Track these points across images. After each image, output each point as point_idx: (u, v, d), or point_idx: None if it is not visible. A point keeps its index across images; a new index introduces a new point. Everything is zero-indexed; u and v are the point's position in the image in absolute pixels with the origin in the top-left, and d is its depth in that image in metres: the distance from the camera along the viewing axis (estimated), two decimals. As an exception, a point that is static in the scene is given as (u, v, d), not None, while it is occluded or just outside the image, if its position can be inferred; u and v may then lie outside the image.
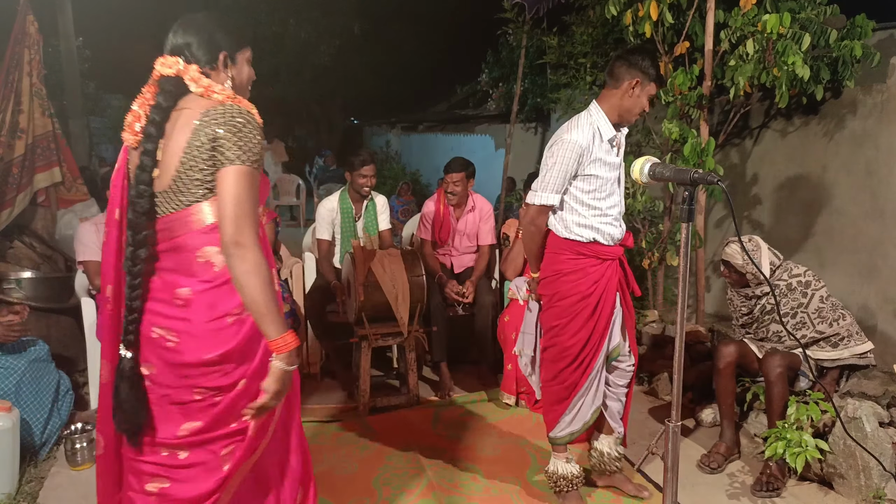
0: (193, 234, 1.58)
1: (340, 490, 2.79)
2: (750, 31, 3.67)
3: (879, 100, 3.74)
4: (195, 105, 1.57)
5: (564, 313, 2.55)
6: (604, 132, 2.47)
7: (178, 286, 1.59)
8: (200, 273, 1.58)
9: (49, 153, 4.95)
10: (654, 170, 1.72)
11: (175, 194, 1.57)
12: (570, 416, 2.62)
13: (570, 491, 2.66)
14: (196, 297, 1.59)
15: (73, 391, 3.32)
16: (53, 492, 2.81)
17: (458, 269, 4.29)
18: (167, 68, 1.60)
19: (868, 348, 3.08)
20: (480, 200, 4.28)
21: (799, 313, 3.06)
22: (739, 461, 3.07)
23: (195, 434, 1.62)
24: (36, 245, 4.62)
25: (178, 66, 1.60)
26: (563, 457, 2.68)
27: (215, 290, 1.59)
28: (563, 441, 2.65)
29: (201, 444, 1.63)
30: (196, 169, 1.55)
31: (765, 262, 3.09)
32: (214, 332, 1.58)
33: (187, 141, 1.53)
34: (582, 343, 2.54)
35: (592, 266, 2.53)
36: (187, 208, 1.57)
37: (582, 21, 5.46)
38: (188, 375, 1.60)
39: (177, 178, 1.56)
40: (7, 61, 4.69)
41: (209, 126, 1.53)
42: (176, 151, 1.55)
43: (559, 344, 2.57)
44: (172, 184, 1.57)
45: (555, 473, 2.67)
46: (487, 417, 3.57)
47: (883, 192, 3.74)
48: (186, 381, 1.60)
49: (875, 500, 2.63)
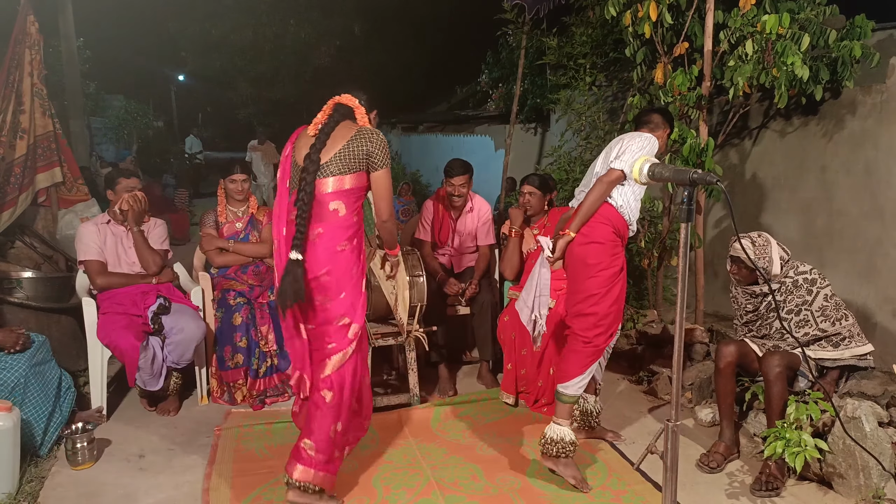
0: (326, 195, 2.47)
1: (340, 489, 2.79)
2: (749, 31, 3.67)
3: (879, 100, 3.75)
4: (352, 125, 2.54)
5: (606, 283, 2.77)
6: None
7: (315, 228, 2.47)
8: (328, 218, 2.47)
9: (50, 153, 4.96)
10: (654, 170, 1.73)
11: (321, 170, 2.46)
12: (586, 377, 2.84)
13: (571, 457, 2.81)
14: (323, 233, 2.47)
15: (74, 388, 3.33)
16: (54, 491, 2.82)
17: (458, 270, 4.29)
18: (345, 101, 2.58)
19: (868, 350, 3.08)
20: (479, 201, 4.28)
21: (803, 310, 3.07)
22: (739, 461, 3.08)
23: (317, 326, 2.54)
24: (37, 245, 4.62)
25: (354, 103, 2.58)
26: (569, 422, 2.85)
27: (335, 229, 2.47)
28: (573, 399, 2.84)
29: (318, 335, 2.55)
30: (342, 160, 2.47)
31: (775, 258, 3.09)
32: (330, 256, 2.47)
33: (345, 143, 2.47)
34: (617, 313, 2.82)
35: (622, 246, 2.87)
36: (324, 178, 2.46)
37: (581, 22, 5.46)
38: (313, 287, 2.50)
39: (329, 162, 2.47)
40: (8, 62, 4.70)
41: (363, 139, 2.48)
42: (335, 146, 2.47)
43: (599, 312, 2.77)
44: (324, 164, 2.47)
45: (562, 440, 2.79)
46: (487, 417, 3.57)
47: (883, 192, 3.74)
48: (313, 288, 2.50)
49: (874, 499, 2.63)
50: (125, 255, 3.64)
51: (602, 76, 5.47)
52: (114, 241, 3.63)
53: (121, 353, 3.30)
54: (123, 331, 3.31)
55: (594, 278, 2.77)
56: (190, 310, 3.60)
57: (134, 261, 3.64)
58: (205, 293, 3.78)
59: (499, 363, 3.88)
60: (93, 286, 3.59)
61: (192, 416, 3.58)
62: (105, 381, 3.52)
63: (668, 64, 4.20)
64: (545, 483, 2.88)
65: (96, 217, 3.88)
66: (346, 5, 14.25)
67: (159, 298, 3.54)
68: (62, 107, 8.78)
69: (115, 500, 2.77)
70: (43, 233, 4.93)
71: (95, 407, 3.46)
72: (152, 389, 3.46)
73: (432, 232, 4.23)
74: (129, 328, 3.33)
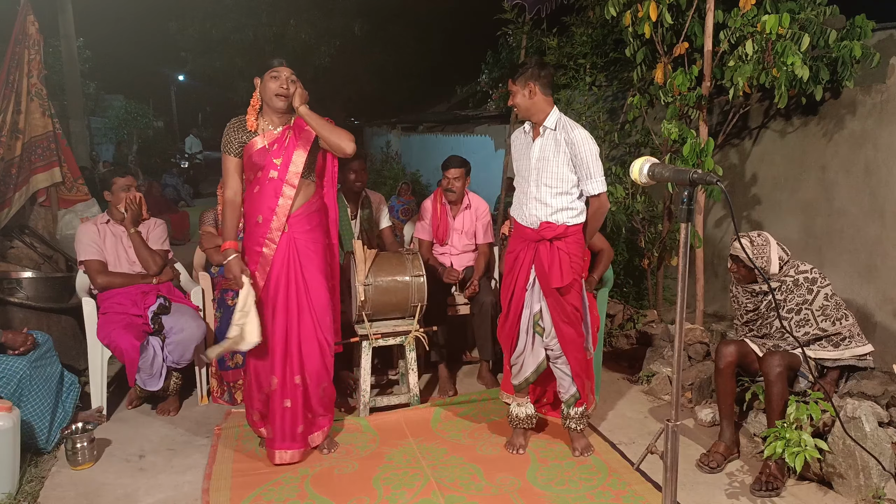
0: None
1: (340, 489, 2.79)
2: (749, 31, 3.67)
3: (879, 100, 3.75)
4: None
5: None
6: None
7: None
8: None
9: (49, 153, 4.97)
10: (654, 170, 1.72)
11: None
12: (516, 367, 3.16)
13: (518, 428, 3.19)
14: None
15: (78, 385, 3.34)
16: (54, 491, 2.82)
17: (458, 268, 4.29)
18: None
19: (868, 350, 3.08)
20: (476, 199, 4.29)
21: (803, 309, 3.07)
22: (739, 461, 3.08)
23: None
24: (37, 245, 4.63)
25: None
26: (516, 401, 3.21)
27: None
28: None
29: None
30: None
31: (774, 258, 3.09)
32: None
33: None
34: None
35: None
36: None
37: (581, 22, 5.46)
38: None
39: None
40: (7, 62, 4.71)
41: None
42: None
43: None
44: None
45: (510, 413, 3.22)
46: (487, 417, 3.57)
47: (883, 192, 3.74)
48: None
49: (874, 499, 2.63)
50: (125, 255, 3.64)
51: (602, 76, 5.46)
52: (114, 241, 3.63)
53: (120, 353, 3.31)
54: (123, 331, 3.31)
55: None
56: (190, 310, 3.60)
57: (134, 260, 3.64)
58: (205, 293, 3.78)
59: (499, 363, 3.88)
60: (93, 286, 3.59)
61: (192, 416, 3.58)
62: (105, 381, 3.52)
63: (668, 64, 4.20)
64: (545, 483, 2.88)
65: (96, 217, 3.88)
66: (346, 5, 14.23)
67: (159, 298, 3.54)
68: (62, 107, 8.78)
69: (115, 500, 2.77)
70: (43, 233, 4.93)
71: (95, 407, 3.46)
72: (152, 389, 3.46)
73: (431, 230, 4.24)
74: (129, 328, 3.33)
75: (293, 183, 2.89)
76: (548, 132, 2.95)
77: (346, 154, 2.93)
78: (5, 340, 3.02)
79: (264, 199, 2.89)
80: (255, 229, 2.92)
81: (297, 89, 2.88)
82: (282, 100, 2.85)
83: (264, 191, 2.89)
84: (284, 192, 2.88)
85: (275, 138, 2.91)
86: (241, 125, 2.92)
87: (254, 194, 2.92)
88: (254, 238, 2.93)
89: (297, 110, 2.88)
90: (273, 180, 2.88)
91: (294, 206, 2.92)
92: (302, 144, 2.92)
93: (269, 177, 2.88)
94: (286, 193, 2.88)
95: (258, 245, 2.91)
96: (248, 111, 2.94)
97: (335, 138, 2.88)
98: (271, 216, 2.88)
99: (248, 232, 2.98)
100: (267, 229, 2.89)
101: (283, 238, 2.91)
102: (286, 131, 2.94)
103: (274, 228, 2.89)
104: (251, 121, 2.92)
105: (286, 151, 2.90)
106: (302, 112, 2.86)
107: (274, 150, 2.89)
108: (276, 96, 2.85)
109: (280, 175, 2.88)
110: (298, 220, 2.94)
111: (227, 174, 2.96)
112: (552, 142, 2.93)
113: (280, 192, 2.88)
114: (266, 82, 2.88)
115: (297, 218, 2.93)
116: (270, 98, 2.86)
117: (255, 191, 2.91)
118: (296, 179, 2.89)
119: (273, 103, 2.87)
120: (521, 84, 2.92)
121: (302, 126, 2.94)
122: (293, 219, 2.92)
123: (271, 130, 2.92)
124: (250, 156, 2.89)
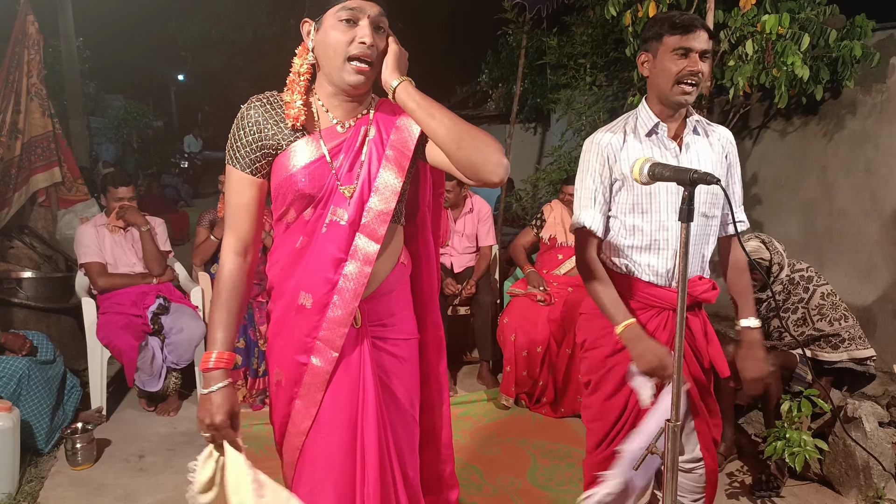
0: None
1: (340, 490, 2.79)
2: (749, 31, 3.67)
3: (879, 100, 3.75)
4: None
5: (596, 367, 2.02)
6: (640, 124, 2.02)
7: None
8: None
9: (49, 153, 4.96)
10: (654, 169, 1.71)
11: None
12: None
13: None
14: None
15: (80, 388, 3.34)
16: (54, 491, 2.82)
17: (458, 269, 4.29)
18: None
19: (869, 355, 3.03)
20: (479, 202, 4.28)
21: (800, 308, 3.06)
22: (738, 461, 3.08)
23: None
24: (36, 245, 4.62)
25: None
26: None
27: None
28: None
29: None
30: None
31: (773, 258, 3.09)
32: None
33: None
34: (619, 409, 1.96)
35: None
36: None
37: (582, 21, 5.46)
38: None
39: None
40: (7, 61, 4.71)
41: None
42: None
43: (593, 405, 2.03)
44: None
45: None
46: (487, 417, 3.57)
47: (883, 192, 3.74)
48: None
49: (875, 500, 2.63)
50: (124, 256, 3.64)
51: (602, 76, 5.46)
52: (112, 243, 3.63)
53: (119, 353, 3.31)
54: (122, 331, 3.31)
55: (584, 360, 2.16)
56: (189, 310, 3.60)
57: (133, 261, 3.64)
58: (204, 293, 3.78)
59: (499, 363, 3.88)
60: (94, 288, 3.59)
61: (192, 416, 3.58)
62: (105, 381, 3.52)
63: (668, 64, 4.19)
64: (545, 483, 2.88)
65: (94, 218, 3.89)
66: (346, 5, 14.26)
67: (159, 298, 3.54)
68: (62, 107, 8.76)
69: (114, 500, 2.77)
70: (43, 233, 4.92)
71: (95, 407, 3.46)
72: (151, 390, 3.46)
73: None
74: (128, 328, 3.33)
75: (377, 233, 1.49)
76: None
77: (490, 183, 1.43)
78: (4, 342, 3.02)
79: (317, 263, 1.50)
80: (295, 319, 1.55)
81: (392, 47, 1.48)
82: (363, 69, 1.43)
83: (317, 247, 1.50)
84: (359, 249, 1.49)
85: (340, 142, 1.51)
86: (270, 112, 1.50)
87: (294, 251, 1.53)
88: (292, 335, 1.56)
89: (393, 90, 1.46)
90: (337, 226, 1.49)
91: (377, 278, 1.55)
92: (396, 157, 1.51)
93: (330, 220, 1.49)
94: (362, 252, 1.49)
95: (300, 350, 1.55)
96: (289, 85, 1.51)
97: (474, 149, 1.40)
98: (330, 297, 1.50)
99: (278, 322, 1.60)
100: (320, 321, 1.52)
101: (351, 338, 1.54)
102: (361, 129, 1.53)
103: (334, 321, 1.51)
104: (295, 106, 1.48)
105: (365, 170, 1.51)
106: (401, 96, 1.45)
107: (341, 165, 1.50)
108: (348, 63, 1.43)
109: (353, 217, 1.49)
110: (382, 304, 1.60)
111: (231, 205, 1.55)
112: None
113: (350, 249, 1.49)
114: (327, 29, 1.44)
115: (381, 300, 1.60)
116: (339, 64, 1.44)
117: (298, 244, 1.52)
118: (382, 226, 1.49)
119: (345, 75, 1.44)
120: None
121: (392, 119, 1.55)
122: (372, 303, 1.57)
123: (334, 126, 1.52)
124: (290, 176, 1.48)
